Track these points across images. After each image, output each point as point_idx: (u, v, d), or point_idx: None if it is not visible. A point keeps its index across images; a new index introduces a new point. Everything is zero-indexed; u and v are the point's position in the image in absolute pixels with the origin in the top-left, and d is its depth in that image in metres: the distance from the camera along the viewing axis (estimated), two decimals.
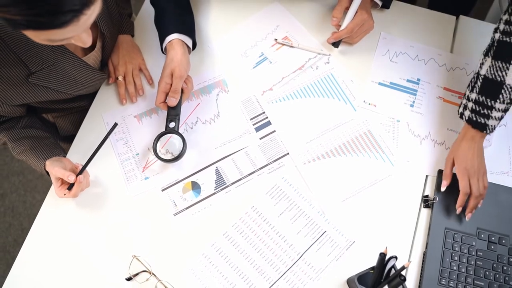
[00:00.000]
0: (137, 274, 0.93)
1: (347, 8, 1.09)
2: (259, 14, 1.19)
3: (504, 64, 0.88)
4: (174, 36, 1.02)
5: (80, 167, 0.96)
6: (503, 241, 0.93)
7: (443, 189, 0.97)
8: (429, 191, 1.00)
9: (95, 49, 1.05)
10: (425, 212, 0.98)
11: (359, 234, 0.96)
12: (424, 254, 0.94)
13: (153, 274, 0.93)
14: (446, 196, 0.97)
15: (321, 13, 1.19)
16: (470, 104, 0.93)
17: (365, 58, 1.13)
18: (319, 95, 1.09)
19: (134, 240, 0.97)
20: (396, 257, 0.81)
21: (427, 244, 0.94)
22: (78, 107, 1.17)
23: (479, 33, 1.17)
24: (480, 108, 0.91)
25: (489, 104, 0.90)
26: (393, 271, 0.82)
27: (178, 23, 1.05)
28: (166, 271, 0.94)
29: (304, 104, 1.08)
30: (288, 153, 1.03)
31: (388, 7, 1.17)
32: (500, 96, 0.89)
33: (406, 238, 0.96)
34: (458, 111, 0.97)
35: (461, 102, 0.97)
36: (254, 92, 1.10)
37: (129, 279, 0.93)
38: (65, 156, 1.05)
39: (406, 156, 1.03)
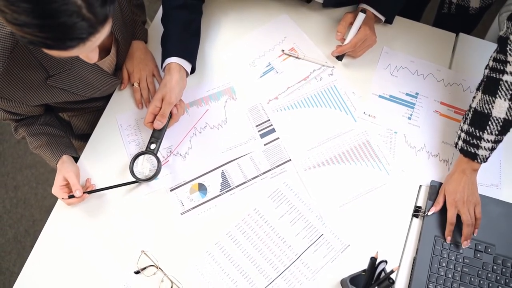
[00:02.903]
0: (144, 268, 0.99)
1: (351, 24, 1.15)
2: (268, 26, 1.25)
3: (490, 98, 0.94)
4: (173, 60, 1.07)
5: (93, 187, 1.05)
6: (489, 250, 0.99)
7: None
8: (422, 200, 1.05)
9: (110, 54, 1.10)
10: (417, 220, 1.04)
11: (354, 238, 1.02)
12: (414, 260, 0.99)
13: (159, 268, 0.99)
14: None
15: (327, 26, 1.25)
16: (462, 135, 0.99)
17: (367, 71, 1.19)
18: (322, 105, 1.15)
19: (142, 236, 1.03)
20: (386, 262, 0.87)
21: (417, 250, 1.00)
22: (93, 107, 1.23)
23: (478, 50, 1.22)
24: (470, 138, 0.97)
25: (478, 134, 0.96)
26: (383, 274, 0.88)
27: (180, 47, 1.08)
28: (172, 266, 0.99)
29: (307, 113, 1.14)
30: (290, 160, 1.09)
31: (391, 23, 1.22)
32: (488, 127, 0.95)
33: (398, 244, 1.01)
34: (454, 141, 1.02)
35: (457, 133, 1.02)
36: (260, 100, 1.16)
37: (137, 272, 0.99)
38: (77, 155, 1.12)
39: (402, 166, 1.08)
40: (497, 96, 0.93)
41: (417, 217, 1.03)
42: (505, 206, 1.04)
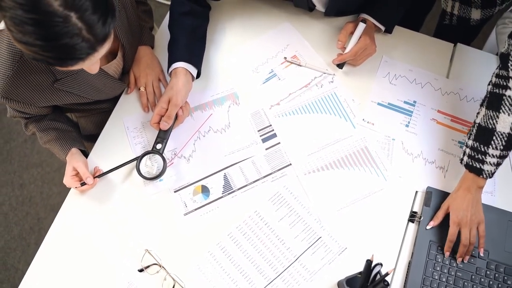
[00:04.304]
0: (148, 267, 1.02)
1: (352, 33, 1.18)
2: (271, 33, 1.28)
3: (494, 113, 0.95)
4: (179, 64, 1.10)
5: (101, 172, 1.09)
6: (483, 255, 1.02)
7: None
8: (418, 206, 1.08)
9: (116, 58, 1.13)
10: (412, 225, 1.06)
11: (351, 241, 1.04)
12: (409, 263, 1.02)
13: (163, 267, 1.02)
14: (432, 213, 1.06)
15: (328, 35, 1.28)
16: (467, 150, 1.00)
17: (366, 79, 1.22)
18: (322, 111, 1.18)
19: (147, 235, 1.06)
20: (381, 264, 0.90)
21: (412, 254, 1.03)
22: (99, 109, 1.26)
23: (475, 60, 1.25)
24: (475, 153, 0.98)
25: (483, 149, 0.97)
26: (378, 276, 0.91)
27: (187, 52, 1.12)
28: (174, 265, 1.03)
29: (308, 119, 1.17)
30: (290, 164, 1.12)
31: (390, 32, 1.25)
32: (492, 142, 0.96)
33: (394, 248, 1.04)
34: (459, 158, 1.03)
35: (462, 149, 1.03)
36: (262, 106, 1.19)
37: (141, 270, 1.02)
38: (84, 149, 1.17)
39: (399, 172, 1.11)
40: (501, 111, 0.94)
41: (413, 222, 1.06)
42: (499, 212, 1.07)
